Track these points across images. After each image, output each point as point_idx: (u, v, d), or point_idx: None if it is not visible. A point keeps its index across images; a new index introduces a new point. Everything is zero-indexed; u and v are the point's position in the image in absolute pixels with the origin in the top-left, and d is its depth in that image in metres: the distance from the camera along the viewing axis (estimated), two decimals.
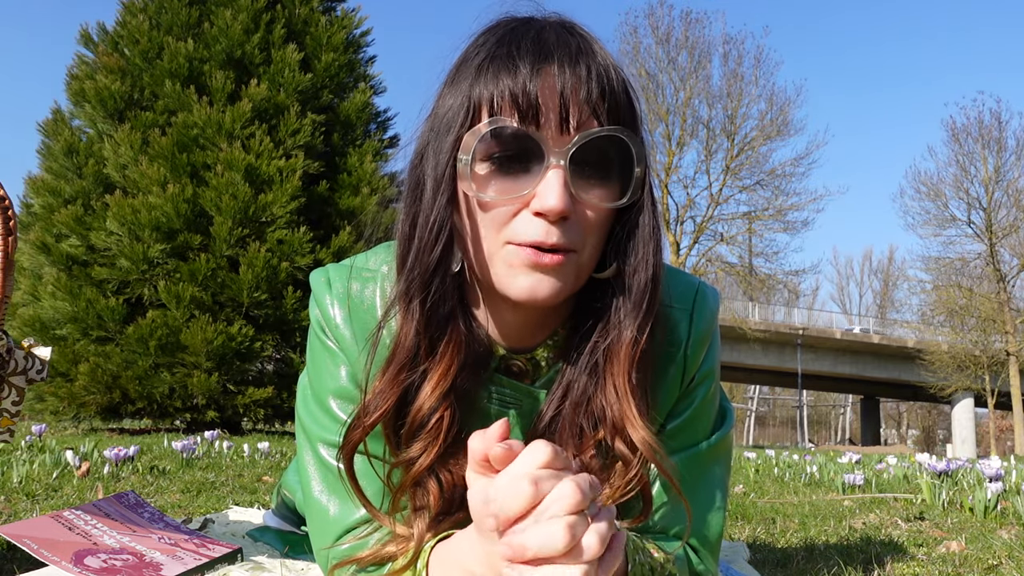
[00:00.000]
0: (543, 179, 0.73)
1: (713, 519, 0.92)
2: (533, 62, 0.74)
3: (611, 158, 0.76)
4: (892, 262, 49.63)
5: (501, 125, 0.73)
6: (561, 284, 0.76)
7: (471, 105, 0.76)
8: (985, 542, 2.14)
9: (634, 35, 25.58)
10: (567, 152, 0.73)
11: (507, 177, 0.75)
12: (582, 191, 0.75)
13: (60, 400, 7.84)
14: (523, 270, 0.76)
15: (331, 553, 0.89)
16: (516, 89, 0.74)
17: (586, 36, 0.79)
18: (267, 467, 3.71)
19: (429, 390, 0.79)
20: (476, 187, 0.75)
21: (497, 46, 0.77)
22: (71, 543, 1.19)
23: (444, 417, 0.80)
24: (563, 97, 0.74)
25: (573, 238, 0.75)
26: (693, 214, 25.73)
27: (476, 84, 0.76)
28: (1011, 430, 33.61)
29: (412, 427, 0.81)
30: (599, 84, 0.75)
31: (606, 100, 0.75)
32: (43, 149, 8.91)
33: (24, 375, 1.33)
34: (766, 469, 5.16)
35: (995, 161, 26.75)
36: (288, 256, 8.15)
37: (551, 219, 0.74)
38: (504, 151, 0.74)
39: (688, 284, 0.93)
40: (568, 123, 0.74)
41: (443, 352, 0.80)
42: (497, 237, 0.76)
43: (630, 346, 0.79)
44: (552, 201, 0.72)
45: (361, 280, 0.91)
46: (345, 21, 9.68)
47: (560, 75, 0.74)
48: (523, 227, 0.75)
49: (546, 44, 0.76)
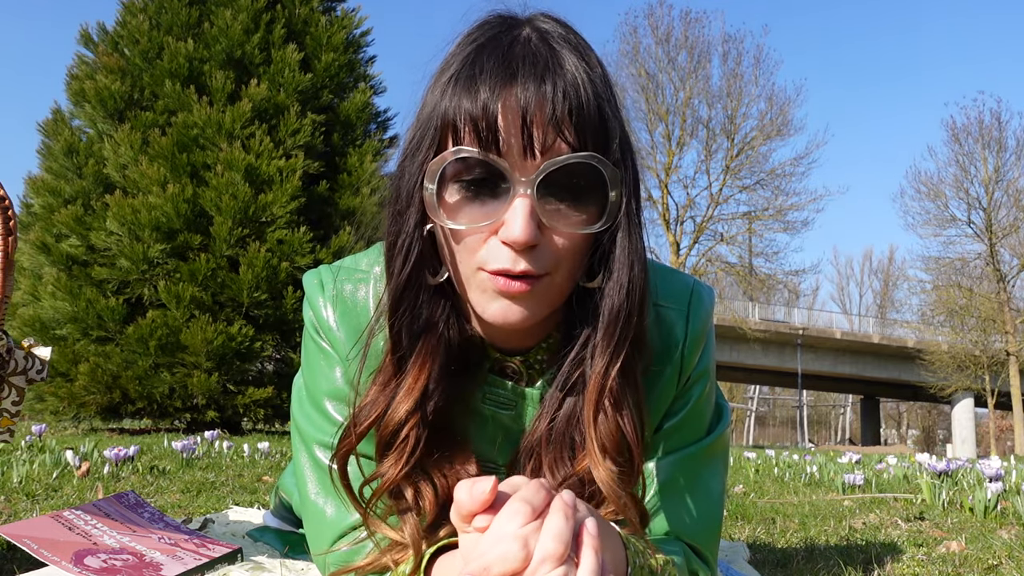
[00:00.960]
0: (509, 208, 0.71)
1: (711, 518, 0.92)
2: (495, 83, 0.71)
3: (583, 184, 0.72)
4: (892, 262, 49.67)
5: (463, 154, 0.71)
6: (533, 309, 0.75)
7: (436, 126, 0.74)
8: (985, 542, 2.14)
9: (634, 35, 25.60)
10: (533, 181, 0.71)
11: (475, 204, 0.73)
12: (552, 218, 0.72)
13: (60, 400, 7.85)
14: (494, 296, 0.75)
15: (328, 557, 0.89)
16: (476, 113, 0.71)
17: (559, 47, 0.74)
18: (267, 467, 3.71)
19: (397, 404, 0.79)
20: (445, 214, 0.74)
21: (463, 62, 0.74)
22: (71, 543, 1.19)
23: (411, 436, 0.79)
24: (525, 120, 0.70)
25: (544, 264, 0.73)
26: (693, 214, 25.74)
27: (441, 103, 0.74)
28: (1011, 430, 33.60)
29: (384, 441, 0.80)
30: (565, 103, 0.71)
31: (574, 120, 0.71)
32: (43, 149, 8.92)
33: (24, 375, 1.33)
34: (766, 469, 5.16)
35: (995, 161, 26.76)
36: (288, 256, 8.15)
37: (517, 249, 0.72)
38: (470, 178, 0.73)
39: (683, 284, 0.92)
40: (533, 148, 0.70)
41: (410, 369, 0.79)
42: (470, 262, 0.75)
43: (598, 381, 0.77)
44: (516, 232, 0.70)
45: (353, 281, 0.91)
46: (345, 21, 9.68)
47: (523, 95, 0.70)
48: (492, 255, 0.73)
49: (512, 61, 0.72)
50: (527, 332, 0.86)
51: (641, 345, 0.79)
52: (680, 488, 0.90)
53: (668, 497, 0.90)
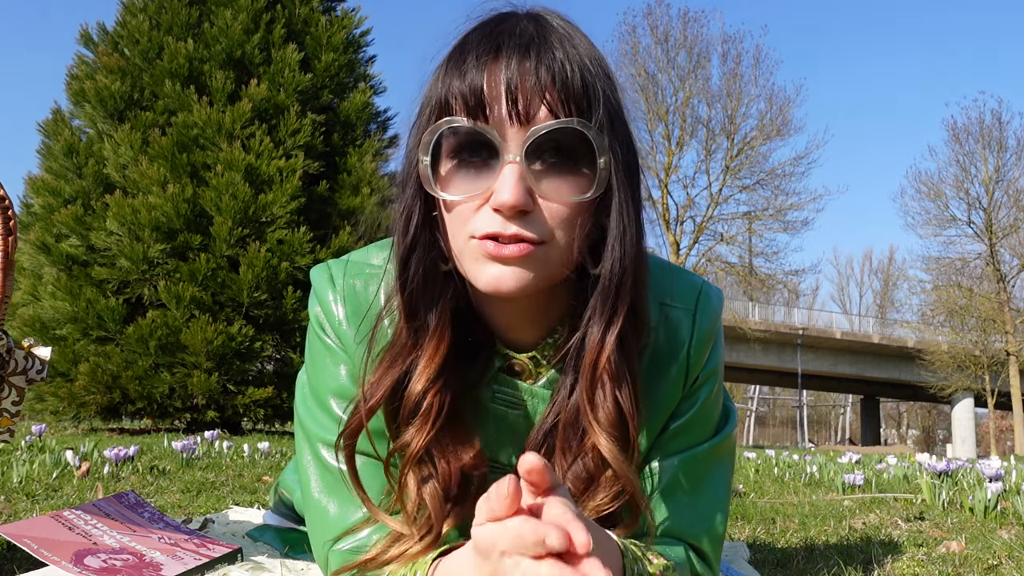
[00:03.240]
0: (500, 175, 0.73)
1: (715, 520, 0.92)
2: (480, 56, 0.74)
3: (572, 151, 0.74)
4: (892, 262, 49.67)
5: (451, 124, 0.74)
6: (528, 276, 0.75)
7: (430, 106, 0.77)
8: (985, 542, 2.14)
9: (632, 35, 25.60)
10: (522, 147, 0.72)
11: (468, 174, 0.75)
12: (543, 184, 0.74)
13: (60, 400, 7.84)
14: (486, 262, 0.75)
15: (331, 554, 0.89)
16: (463, 86, 0.73)
17: (547, 26, 0.77)
18: (267, 467, 3.71)
19: (417, 375, 0.80)
20: (439, 187, 0.76)
21: (455, 48, 0.77)
22: (71, 543, 1.19)
23: (434, 402, 0.80)
24: (509, 89, 0.72)
25: (538, 230, 0.74)
26: (693, 214, 25.74)
27: (435, 85, 0.77)
28: (1011, 430, 33.60)
29: (405, 413, 0.81)
30: (549, 73, 0.73)
31: (558, 90, 0.73)
32: (43, 149, 8.91)
33: (24, 375, 1.33)
34: (766, 469, 5.16)
35: (995, 161, 26.76)
36: (288, 256, 8.15)
37: (507, 214, 0.73)
38: (461, 149, 0.75)
39: (691, 284, 0.92)
40: (520, 116, 0.73)
41: (430, 338, 0.80)
42: (462, 232, 0.77)
43: (595, 350, 0.78)
44: (505, 196, 0.71)
45: (364, 277, 0.91)
46: (345, 21, 9.67)
47: (507, 67, 0.73)
48: (482, 221, 0.74)
49: (498, 38, 0.75)
50: (533, 320, 0.86)
51: (638, 317, 0.80)
52: (685, 489, 0.90)
53: (672, 498, 0.89)
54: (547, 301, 0.84)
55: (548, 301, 0.84)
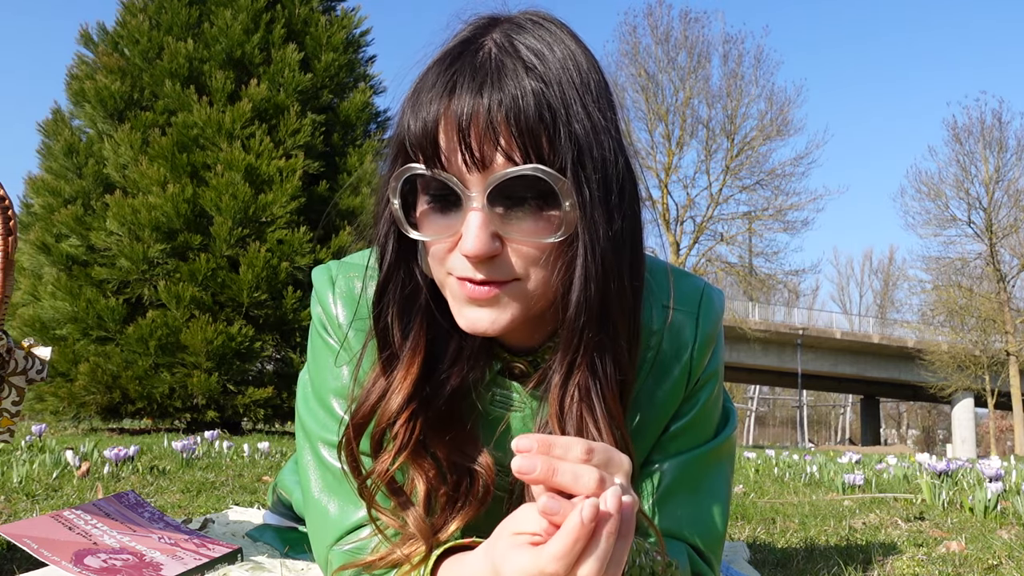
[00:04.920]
0: (465, 221, 0.71)
1: (716, 521, 0.92)
2: (433, 98, 0.71)
3: (535, 193, 0.71)
4: (892, 262, 49.67)
5: (412, 172, 0.73)
6: (504, 316, 0.75)
7: (397, 144, 0.75)
8: (985, 542, 2.14)
9: (633, 35, 25.61)
10: (483, 193, 0.70)
11: (437, 216, 0.74)
12: (509, 229, 0.72)
13: (60, 400, 7.84)
14: (464, 303, 0.75)
15: (332, 555, 0.89)
16: (418, 131, 0.71)
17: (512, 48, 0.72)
18: (267, 467, 3.71)
19: (386, 401, 0.80)
20: (410, 227, 0.76)
21: (418, 81, 0.75)
22: (71, 543, 1.19)
23: (401, 432, 0.80)
24: (463, 135, 0.69)
25: (507, 272, 0.73)
26: (693, 214, 25.75)
27: (400, 121, 0.75)
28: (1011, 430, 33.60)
29: (377, 435, 0.82)
30: (502, 111, 0.68)
31: (513, 130, 0.69)
32: (43, 149, 8.91)
33: (24, 375, 1.33)
34: (766, 469, 5.16)
35: (996, 161, 26.77)
36: (288, 256, 8.15)
37: (473, 263, 0.72)
38: (427, 191, 0.74)
39: (693, 286, 0.92)
40: (476, 162, 0.70)
41: (401, 366, 0.81)
42: (441, 269, 0.77)
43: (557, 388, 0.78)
44: (468, 246, 0.70)
45: (363, 279, 0.91)
46: (345, 21, 9.67)
47: (459, 109, 0.69)
48: (455, 263, 0.74)
49: (454, 74, 0.71)
50: (531, 329, 0.86)
51: (618, 355, 0.77)
52: (685, 490, 0.90)
53: (673, 499, 0.89)
54: (545, 310, 0.84)
55: (546, 310, 0.84)
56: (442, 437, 0.83)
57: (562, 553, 0.59)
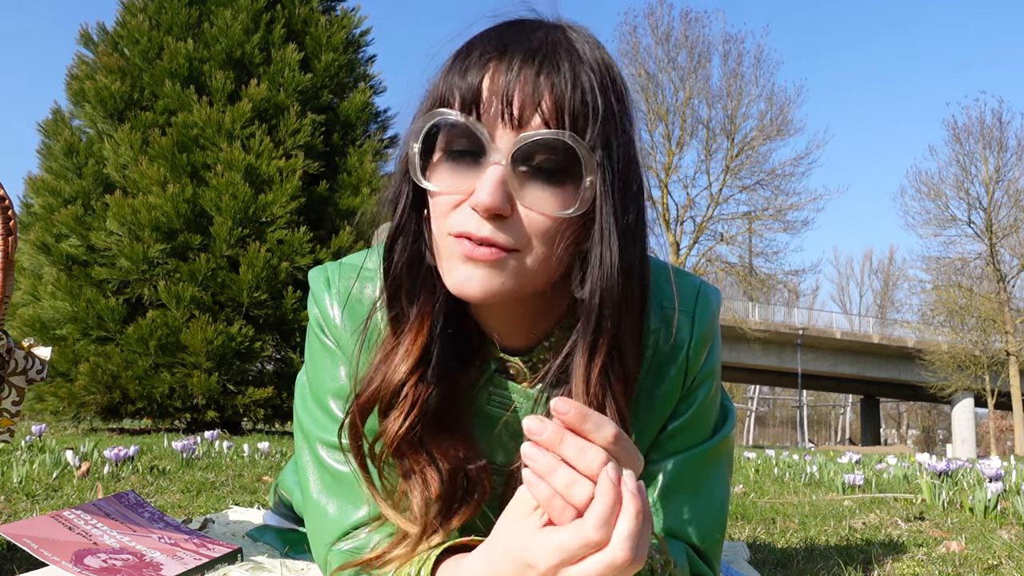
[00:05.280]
0: (483, 175, 0.72)
1: (715, 520, 0.92)
2: (484, 56, 0.74)
3: (559, 164, 0.73)
4: (892, 262, 49.66)
5: (444, 116, 0.74)
6: (497, 282, 0.74)
7: (431, 98, 0.77)
8: (985, 542, 2.14)
9: (633, 35, 25.62)
10: (509, 151, 0.72)
11: (454, 169, 0.75)
12: (525, 192, 0.73)
13: (60, 400, 7.84)
14: (459, 262, 0.75)
15: (331, 555, 0.89)
16: (462, 81, 0.74)
17: (561, 39, 0.76)
18: (267, 467, 3.71)
19: (397, 363, 0.80)
20: (427, 175, 0.76)
21: (465, 43, 0.78)
22: (71, 543, 1.19)
23: (411, 392, 0.80)
24: (507, 91, 0.72)
25: (513, 237, 0.73)
26: (693, 214, 25.76)
27: (437, 79, 0.77)
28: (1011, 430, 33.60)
29: (384, 401, 0.81)
30: (548, 83, 0.72)
31: (555, 101, 0.72)
32: (43, 149, 8.91)
33: (24, 375, 1.33)
34: (766, 469, 5.16)
35: (996, 161, 26.78)
36: (288, 256, 8.15)
37: (482, 215, 0.72)
38: (451, 143, 0.75)
39: (690, 284, 0.92)
40: (512, 121, 0.72)
41: (410, 329, 0.81)
42: (441, 227, 0.77)
43: (581, 380, 0.77)
44: (483, 197, 0.71)
45: (360, 279, 0.91)
46: (345, 21, 9.67)
47: (508, 70, 0.73)
48: (459, 218, 0.74)
49: (504, 40, 0.75)
50: (526, 325, 0.86)
51: (623, 346, 0.78)
52: (684, 489, 0.90)
53: (671, 498, 0.89)
54: (541, 306, 0.84)
55: (542, 306, 0.84)
56: (438, 436, 0.83)
57: (605, 517, 0.59)
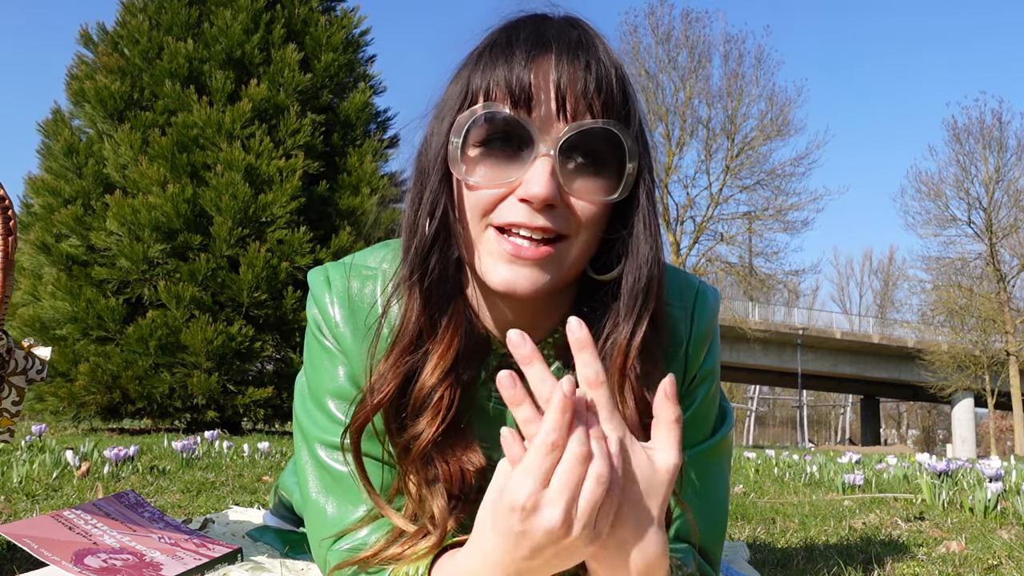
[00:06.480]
0: (531, 166, 0.73)
1: (715, 519, 0.92)
2: (529, 50, 0.75)
3: (604, 152, 0.76)
4: (892, 262, 49.67)
5: (493, 110, 0.74)
6: (544, 278, 0.76)
7: (468, 92, 0.77)
8: (985, 542, 2.14)
9: (634, 34, 25.60)
10: (558, 141, 0.73)
11: (497, 162, 0.75)
12: (572, 182, 0.75)
13: (60, 400, 7.84)
14: (504, 260, 0.76)
15: (330, 554, 0.89)
16: (510, 76, 0.75)
17: (589, 31, 0.80)
18: (267, 467, 3.71)
19: (431, 369, 0.80)
20: (466, 170, 0.76)
21: (498, 36, 0.78)
22: (71, 543, 1.19)
23: (445, 395, 0.81)
24: (558, 87, 0.74)
25: (564, 225, 0.76)
26: (693, 214, 25.75)
27: (475, 73, 0.77)
28: (1011, 430, 33.60)
29: (415, 405, 0.81)
30: (596, 78, 0.75)
31: (602, 94, 0.75)
32: (43, 149, 8.91)
33: (24, 375, 1.33)
34: (766, 469, 5.16)
35: (996, 161, 26.78)
36: (288, 256, 8.15)
37: (536, 207, 0.74)
38: (495, 136, 0.75)
39: (688, 284, 0.93)
40: (561, 113, 0.74)
41: (444, 332, 0.81)
42: (481, 222, 0.77)
43: (623, 353, 0.78)
44: (537, 188, 0.72)
45: (361, 278, 0.91)
46: (345, 21, 9.67)
47: (556, 66, 0.75)
48: (507, 211, 0.75)
49: (545, 35, 0.77)
50: (534, 320, 0.86)
51: (659, 321, 0.81)
52: (684, 489, 0.90)
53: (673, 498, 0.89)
54: (550, 302, 0.85)
55: (551, 302, 0.85)
56: (452, 437, 0.83)
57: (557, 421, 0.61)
